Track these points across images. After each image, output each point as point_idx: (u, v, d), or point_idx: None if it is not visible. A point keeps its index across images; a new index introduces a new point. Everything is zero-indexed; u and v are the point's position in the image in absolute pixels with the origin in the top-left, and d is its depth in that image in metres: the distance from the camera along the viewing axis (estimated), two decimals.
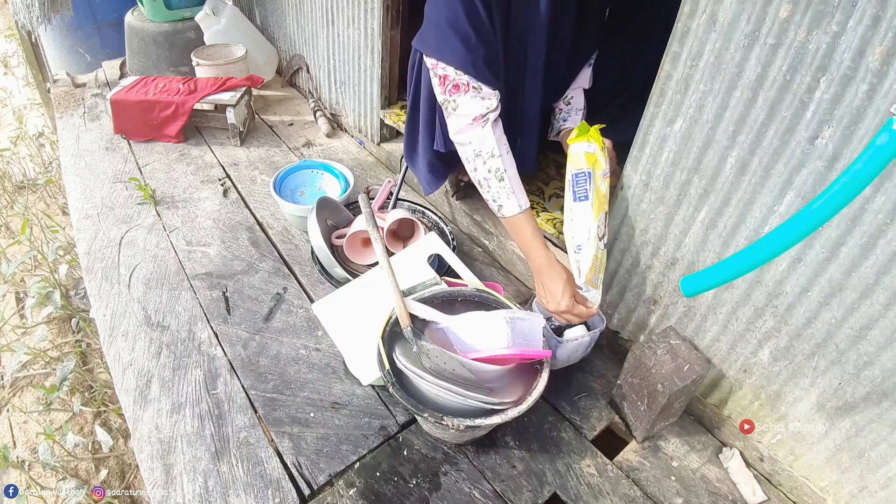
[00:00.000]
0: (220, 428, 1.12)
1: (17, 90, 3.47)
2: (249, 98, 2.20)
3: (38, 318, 1.88)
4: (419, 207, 1.66)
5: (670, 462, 1.13)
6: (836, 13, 0.75)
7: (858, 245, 0.83)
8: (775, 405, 1.05)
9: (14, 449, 1.55)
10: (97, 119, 2.23)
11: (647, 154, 1.08)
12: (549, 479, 1.07)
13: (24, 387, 1.76)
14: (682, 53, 0.95)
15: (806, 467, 1.05)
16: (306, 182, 1.78)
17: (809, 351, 0.96)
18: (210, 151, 2.06)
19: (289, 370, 1.24)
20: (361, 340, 1.19)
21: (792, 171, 0.87)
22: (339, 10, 1.94)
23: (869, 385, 0.90)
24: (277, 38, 2.57)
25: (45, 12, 2.19)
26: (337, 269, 1.40)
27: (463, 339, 1.08)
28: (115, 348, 1.28)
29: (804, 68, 0.81)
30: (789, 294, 0.95)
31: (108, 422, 1.64)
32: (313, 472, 1.05)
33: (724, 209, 0.99)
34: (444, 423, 0.96)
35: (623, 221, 1.19)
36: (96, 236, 1.61)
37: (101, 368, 1.76)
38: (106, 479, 1.48)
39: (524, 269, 1.52)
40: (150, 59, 2.46)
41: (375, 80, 1.89)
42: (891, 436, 0.90)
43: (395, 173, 1.94)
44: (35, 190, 2.62)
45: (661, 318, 1.19)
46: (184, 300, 1.41)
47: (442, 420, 0.96)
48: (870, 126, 0.77)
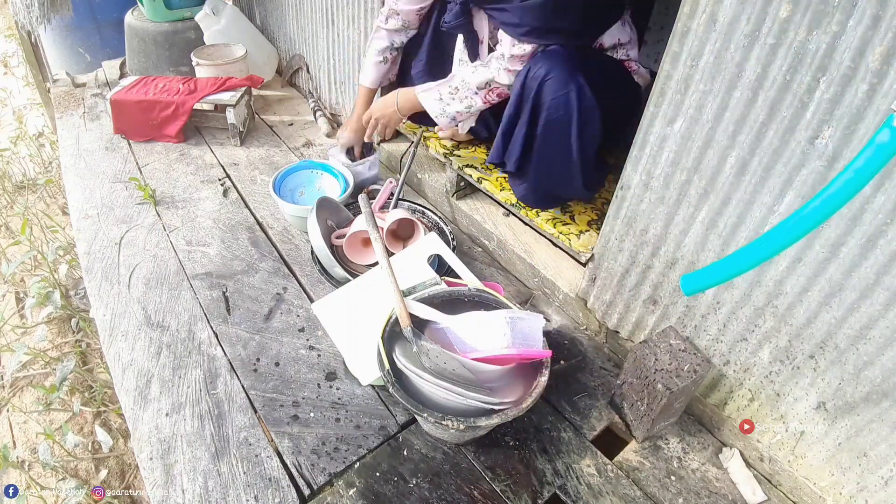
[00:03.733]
0: (220, 428, 1.12)
1: (17, 90, 3.47)
2: (249, 98, 2.20)
3: (38, 318, 1.88)
4: (419, 207, 1.66)
5: (670, 462, 1.13)
6: (836, 13, 0.75)
7: (858, 245, 0.83)
8: (775, 405, 1.05)
9: (14, 449, 1.55)
10: (97, 119, 2.23)
11: (647, 154, 1.08)
12: (549, 479, 1.07)
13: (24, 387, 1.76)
14: (682, 53, 0.95)
15: (806, 467, 1.05)
16: (306, 182, 1.78)
17: (809, 351, 0.96)
18: (210, 151, 2.06)
19: (289, 370, 1.24)
20: (361, 340, 1.19)
21: (792, 171, 0.87)
22: (339, 10, 1.94)
23: (869, 385, 0.90)
24: (277, 38, 2.57)
25: (45, 12, 2.19)
26: (337, 269, 1.40)
27: (463, 339, 1.08)
28: (115, 348, 1.28)
29: (804, 68, 0.81)
30: (789, 294, 0.95)
31: (108, 422, 1.64)
32: (313, 472, 1.05)
33: (724, 209, 0.99)
34: (444, 423, 0.96)
35: (623, 221, 1.19)
36: (96, 236, 1.61)
37: (101, 368, 1.76)
38: (106, 479, 1.48)
39: (524, 269, 1.52)
40: (150, 59, 2.46)
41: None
42: (891, 436, 0.90)
43: (396, 173, 1.94)
44: (35, 190, 2.62)
45: (660, 318, 1.19)
46: (184, 300, 1.41)
47: (442, 420, 0.96)
48: (870, 126, 0.77)
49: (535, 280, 1.49)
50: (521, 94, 1.30)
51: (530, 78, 1.27)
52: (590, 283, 1.34)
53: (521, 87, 1.29)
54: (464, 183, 1.70)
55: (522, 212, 1.52)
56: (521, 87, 1.29)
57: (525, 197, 1.49)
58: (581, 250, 1.41)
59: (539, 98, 1.26)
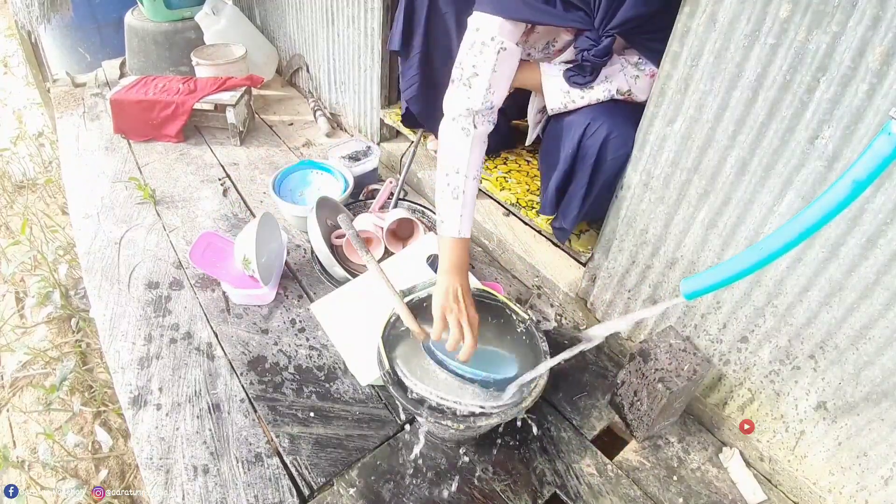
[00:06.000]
0: (220, 428, 1.12)
1: (17, 90, 3.47)
2: (249, 98, 2.20)
3: (38, 318, 1.88)
4: (419, 207, 1.66)
5: (670, 462, 1.13)
6: (836, 13, 0.75)
7: (858, 245, 0.83)
8: (775, 405, 1.05)
9: (14, 449, 1.55)
10: (97, 119, 2.23)
11: (647, 154, 1.08)
12: (549, 479, 1.07)
13: (24, 387, 1.76)
14: (682, 53, 0.95)
15: (806, 467, 1.05)
16: (306, 182, 1.78)
17: (809, 351, 0.96)
18: (210, 151, 2.06)
19: (289, 370, 1.24)
20: (360, 340, 1.19)
21: (792, 171, 0.87)
22: (339, 10, 1.94)
23: (869, 385, 0.90)
24: (277, 38, 2.57)
25: (45, 12, 2.19)
26: (337, 268, 1.40)
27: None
28: (114, 348, 1.28)
29: (804, 68, 0.81)
30: (789, 294, 0.95)
31: (108, 422, 1.64)
32: (313, 471, 1.05)
33: (724, 209, 0.99)
34: (444, 423, 0.96)
35: (623, 221, 1.19)
36: (96, 236, 1.61)
37: (101, 368, 1.76)
38: (106, 479, 1.48)
39: (524, 269, 1.52)
40: (150, 59, 2.45)
41: (375, 79, 1.89)
42: (891, 435, 0.90)
43: (396, 173, 1.94)
44: (35, 190, 2.62)
45: (660, 318, 1.19)
46: (184, 300, 1.41)
47: (442, 420, 0.96)
48: (870, 126, 0.77)
49: (535, 280, 1.49)
50: (576, 152, 1.22)
51: (588, 136, 1.19)
52: (590, 283, 1.34)
53: (577, 145, 1.21)
54: None
55: (522, 212, 1.52)
56: (578, 146, 1.21)
57: (563, 237, 1.41)
58: (581, 250, 1.41)
59: (602, 157, 1.19)
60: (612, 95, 1.22)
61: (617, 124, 1.16)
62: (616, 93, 1.22)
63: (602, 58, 1.17)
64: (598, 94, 1.22)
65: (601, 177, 1.20)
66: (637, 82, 1.22)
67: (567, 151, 1.24)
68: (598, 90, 1.23)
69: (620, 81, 1.22)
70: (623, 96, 1.23)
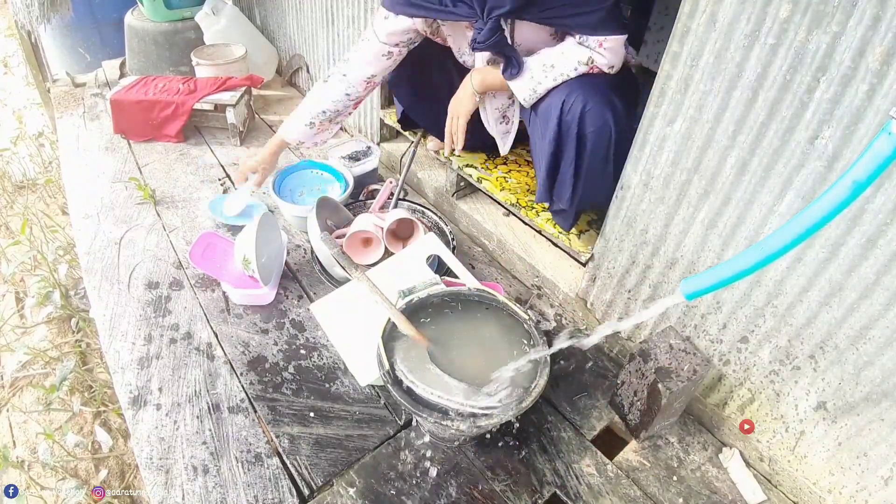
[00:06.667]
0: (220, 428, 1.12)
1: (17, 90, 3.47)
2: (249, 98, 2.20)
3: (37, 318, 1.88)
4: (419, 207, 1.66)
5: (670, 462, 1.13)
6: (836, 13, 0.75)
7: (858, 245, 0.83)
8: (775, 405, 1.05)
9: (14, 449, 1.55)
10: (97, 119, 2.23)
11: (647, 154, 1.08)
12: (549, 479, 1.07)
13: (24, 387, 1.76)
14: (682, 53, 0.95)
15: (806, 467, 1.05)
16: (306, 182, 1.78)
17: (809, 351, 0.96)
18: (210, 151, 2.06)
19: (289, 370, 1.24)
20: (360, 340, 1.19)
21: (792, 172, 0.87)
22: (339, 10, 1.94)
23: (869, 385, 0.90)
24: (277, 38, 2.57)
25: (45, 12, 2.19)
26: (337, 269, 1.40)
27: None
28: (114, 348, 1.28)
29: (804, 68, 0.81)
30: (789, 294, 0.95)
31: (108, 422, 1.64)
32: (313, 472, 1.05)
33: (724, 209, 0.99)
34: (444, 423, 0.96)
35: (623, 221, 1.19)
36: (96, 236, 1.61)
37: (101, 368, 1.76)
38: (106, 479, 1.48)
39: (524, 269, 1.52)
40: (150, 59, 2.46)
41: None
42: (891, 436, 0.90)
43: (396, 173, 1.94)
44: (35, 190, 2.62)
45: (661, 318, 1.19)
46: (184, 300, 1.41)
47: (442, 420, 0.96)
48: (870, 126, 0.77)
49: (534, 280, 1.49)
50: (558, 131, 1.25)
51: (566, 113, 1.22)
52: (590, 283, 1.34)
53: (557, 124, 1.24)
54: (464, 183, 1.70)
55: (522, 212, 1.52)
56: (559, 125, 1.24)
57: (566, 224, 1.45)
58: (581, 250, 1.41)
59: (582, 130, 1.22)
60: (576, 66, 1.24)
61: (590, 95, 1.20)
62: (578, 63, 1.24)
63: (487, 41, 1.23)
64: (563, 68, 1.25)
65: (586, 150, 1.24)
66: (594, 55, 1.24)
67: (551, 134, 1.27)
68: (561, 64, 1.25)
69: (579, 53, 1.24)
70: (588, 66, 1.24)
